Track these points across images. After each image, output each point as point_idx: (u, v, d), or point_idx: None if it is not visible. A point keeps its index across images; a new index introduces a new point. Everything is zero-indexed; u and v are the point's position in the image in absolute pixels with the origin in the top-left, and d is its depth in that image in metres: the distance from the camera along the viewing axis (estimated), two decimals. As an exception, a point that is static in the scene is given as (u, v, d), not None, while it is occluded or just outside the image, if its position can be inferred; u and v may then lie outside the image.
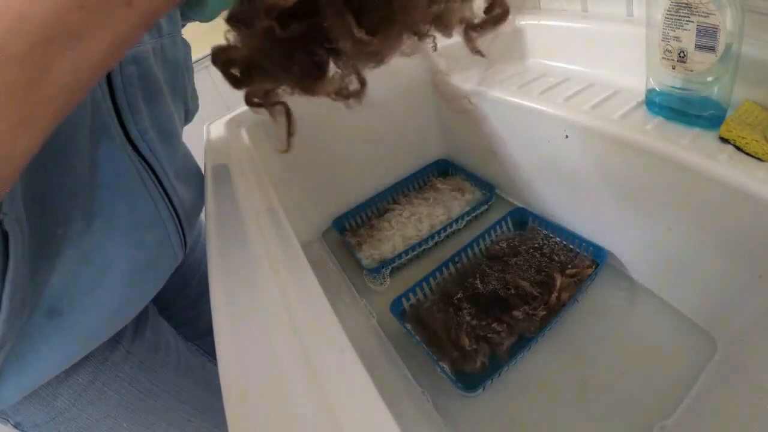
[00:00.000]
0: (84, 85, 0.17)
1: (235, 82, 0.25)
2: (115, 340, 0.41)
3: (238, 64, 0.23)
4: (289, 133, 0.30)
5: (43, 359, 0.33)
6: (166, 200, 0.38)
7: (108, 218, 0.33)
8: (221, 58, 0.23)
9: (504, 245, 0.55)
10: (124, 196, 0.34)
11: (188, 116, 0.48)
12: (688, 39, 0.35)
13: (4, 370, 0.31)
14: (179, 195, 0.40)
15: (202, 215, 0.45)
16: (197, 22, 0.37)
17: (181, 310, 0.55)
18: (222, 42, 0.24)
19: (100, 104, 0.31)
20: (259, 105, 0.28)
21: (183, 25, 0.44)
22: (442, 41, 0.61)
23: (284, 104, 0.29)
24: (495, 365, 0.43)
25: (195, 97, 0.48)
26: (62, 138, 0.28)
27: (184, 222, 0.41)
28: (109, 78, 0.32)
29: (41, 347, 0.32)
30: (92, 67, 0.16)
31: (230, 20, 0.23)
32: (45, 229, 0.29)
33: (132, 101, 0.34)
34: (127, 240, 0.34)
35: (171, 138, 0.40)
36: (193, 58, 0.47)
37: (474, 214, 0.63)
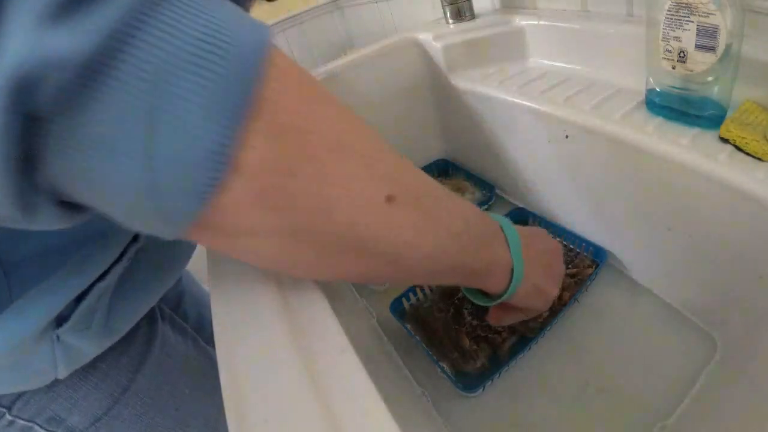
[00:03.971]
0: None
1: None
2: (153, 317, 0.44)
3: None
4: None
5: (145, 286, 0.37)
6: None
7: None
8: None
9: (504, 245, 0.55)
10: None
11: None
12: (688, 39, 0.35)
13: (118, 295, 0.35)
14: None
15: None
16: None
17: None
18: None
19: None
20: None
21: None
22: (443, 41, 0.61)
23: None
24: (495, 365, 0.43)
25: None
26: None
27: None
28: None
29: (140, 274, 0.36)
30: None
31: None
32: None
33: None
34: None
35: None
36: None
37: (474, 214, 0.63)
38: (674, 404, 0.36)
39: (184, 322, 0.57)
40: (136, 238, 0.34)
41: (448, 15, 0.65)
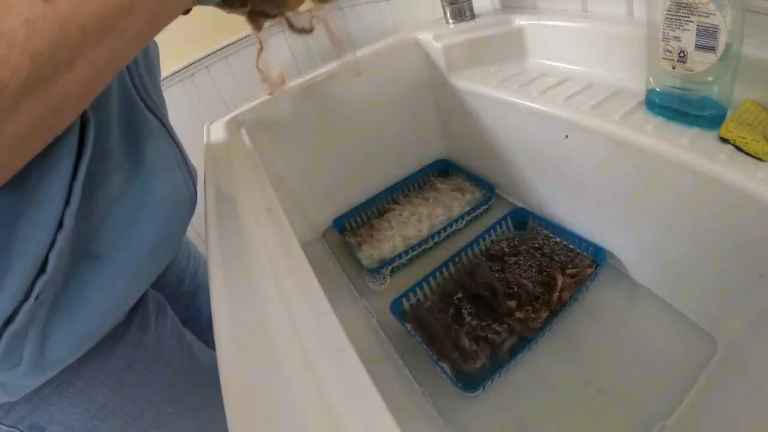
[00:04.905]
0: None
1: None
2: (144, 324, 0.42)
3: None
4: None
5: (90, 305, 0.33)
6: (177, 149, 0.42)
7: (138, 158, 0.36)
8: None
9: (504, 245, 0.55)
10: (149, 140, 0.37)
11: None
12: (688, 39, 0.35)
13: (52, 323, 0.31)
14: (185, 151, 0.44)
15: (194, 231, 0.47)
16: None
17: (182, 309, 0.55)
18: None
19: None
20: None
21: None
22: (443, 40, 0.61)
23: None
24: (495, 365, 0.43)
25: None
26: None
27: (193, 175, 0.44)
28: None
29: (86, 292, 0.33)
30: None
31: None
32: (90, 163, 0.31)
33: (137, 65, 0.37)
34: (156, 176, 0.37)
35: (165, 112, 0.44)
36: (190, 60, 0.48)
37: (474, 214, 0.63)
38: (674, 404, 0.36)
39: (196, 316, 0.56)
40: (43, 268, 0.28)
41: (448, 15, 0.65)
